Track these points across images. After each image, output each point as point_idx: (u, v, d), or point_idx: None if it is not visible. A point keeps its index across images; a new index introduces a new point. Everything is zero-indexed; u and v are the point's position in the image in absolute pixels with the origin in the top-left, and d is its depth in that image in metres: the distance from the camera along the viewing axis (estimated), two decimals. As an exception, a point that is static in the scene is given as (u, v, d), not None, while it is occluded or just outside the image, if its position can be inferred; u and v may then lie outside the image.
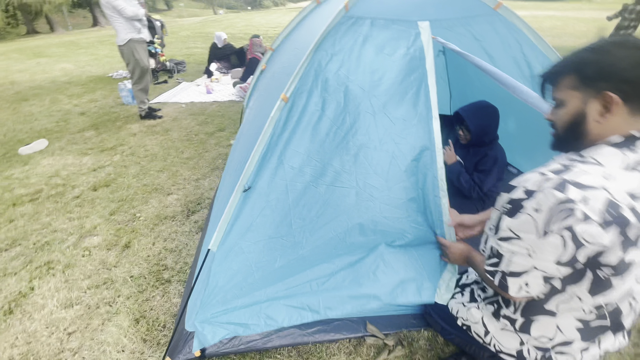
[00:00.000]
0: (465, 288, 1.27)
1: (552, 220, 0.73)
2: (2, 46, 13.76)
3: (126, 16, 3.83)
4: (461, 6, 1.61)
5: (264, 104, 1.71)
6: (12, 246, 2.23)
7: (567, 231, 0.72)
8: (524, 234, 0.80)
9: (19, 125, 4.42)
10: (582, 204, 0.70)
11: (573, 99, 0.81)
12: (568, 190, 0.71)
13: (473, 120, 1.93)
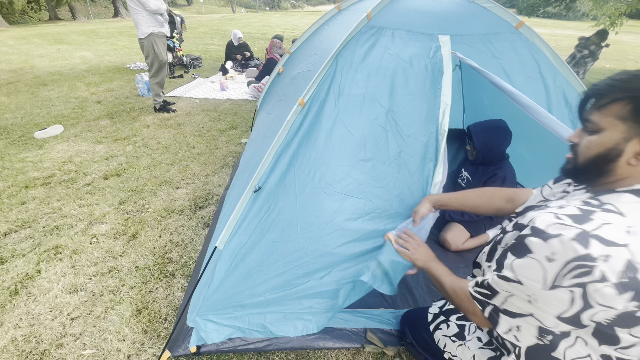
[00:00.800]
0: (450, 316, 1.19)
1: (565, 275, 0.66)
2: (24, 30, 14.05)
3: (149, 9, 3.90)
4: (482, 23, 1.61)
5: (281, 108, 1.73)
6: (22, 228, 2.27)
7: (579, 288, 0.65)
8: (527, 281, 0.73)
9: (37, 110, 4.51)
10: (602, 261, 0.63)
11: (614, 131, 0.72)
12: (591, 245, 0.64)
13: (480, 137, 1.94)
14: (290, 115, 1.43)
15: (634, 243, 0.64)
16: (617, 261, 0.63)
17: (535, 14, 8.25)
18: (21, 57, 8.04)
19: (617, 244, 0.64)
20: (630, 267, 0.63)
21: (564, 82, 1.59)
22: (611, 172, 0.75)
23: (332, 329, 1.53)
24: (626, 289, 0.62)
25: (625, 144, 0.72)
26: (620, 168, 0.73)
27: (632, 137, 0.71)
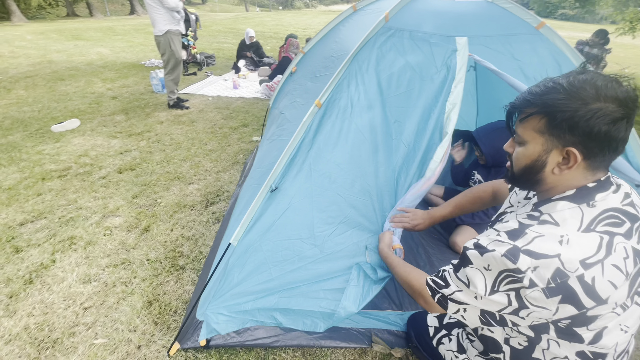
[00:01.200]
0: (452, 330, 1.21)
1: (501, 282, 0.75)
2: (42, 25, 14.39)
3: (168, 6, 3.94)
4: (502, 24, 1.59)
5: (298, 108, 1.74)
6: (38, 218, 2.32)
7: (513, 292, 0.74)
8: (473, 286, 0.81)
9: (54, 104, 4.61)
10: (530, 272, 0.70)
11: (536, 143, 0.77)
12: (519, 260, 0.71)
13: (485, 142, 1.90)
14: (307, 116, 1.44)
15: (565, 252, 0.69)
16: (545, 270, 0.69)
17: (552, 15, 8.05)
18: (39, 51, 8.24)
19: (548, 256, 0.69)
20: (559, 274, 0.68)
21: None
22: (541, 181, 0.80)
23: (338, 329, 1.53)
24: (554, 293, 0.69)
25: (546, 155, 0.77)
26: (548, 177, 0.79)
27: (552, 149, 0.75)
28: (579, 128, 0.70)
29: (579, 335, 0.74)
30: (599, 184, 0.75)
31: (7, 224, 2.25)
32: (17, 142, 3.42)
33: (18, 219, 2.29)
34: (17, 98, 4.79)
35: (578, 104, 0.69)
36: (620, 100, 0.68)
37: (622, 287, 0.70)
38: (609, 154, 0.72)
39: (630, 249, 0.71)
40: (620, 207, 0.74)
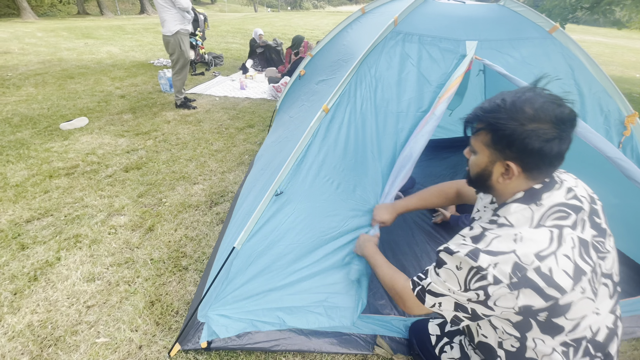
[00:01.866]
0: (454, 338, 1.21)
1: (471, 280, 0.81)
2: (52, 23, 14.60)
3: (180, 7, 3.96)
4: (513, 27, 1.56)
5: (305, 112, 1.73)
6: (45, 216, 2.34)
7: (482, 290, 0.80)
8: (448, 283, 0.87)
9: (63, 102, 4.66)
10: (492, 268, 0.77)
11: (483, 155, 0.87)
12: (479, 259, 0.79)
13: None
14: (314, 121, 1.43)
15: (520, 248, 0.77)
16: (505, 266, 0.77)
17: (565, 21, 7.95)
18: (49, 49, 8.35)
19: (504, 252, 0.78)
20: (518, 268, 0.76)
21: (599, 89, 1.51)
22: (493, 188, 0.90)
23: (340, 334, 1.51)
24: (518, 287, 0.76)
25: (492, 166, 0.86)
26: (496, 184, 0.88)
27: (496, 161, 0.85)
28: (516, 145, 0.78)
29: (560, 326, 0.80)
30: (544, 185, 0.84)
31: (14, 220, 2.27)
32: (25, 140, 3.46)
33: (25, 216, 2.31)
34: (26, 95, 4.86)
35: (516, 125, 0.77)
36: (554, 121, 0.76)
37: (584, 275, 0.77)
38: (544, 167, 0.81)
39: (577, 239, 0.79)
40: (564, 201, 0.83)
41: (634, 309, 1.64)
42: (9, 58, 7.16)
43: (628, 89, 7.35)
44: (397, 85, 1.47)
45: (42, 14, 18.83)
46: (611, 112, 1.48)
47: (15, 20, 15.85)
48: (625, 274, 1.97)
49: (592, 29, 26.72)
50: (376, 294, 1.76)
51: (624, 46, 16.51)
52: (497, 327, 0.88)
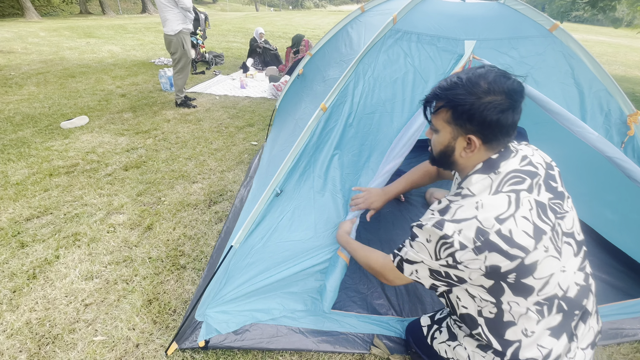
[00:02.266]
0: (442, 323, 1.23)
1: (439, 250, 0.87)
2: (55, 23, 14.64)
3: (183, 7, 3.97)
4: (513, 26, 1.55)
5: (304, 111, 1.72)
6: (44, 214, 2.35)
7: (451, 258, 0.86)
8: (420, 254, 0.93)
9: (64, 100, 4.68)
10: (456, 235, 0.83)
11: (445, 132, 0.92)
12: (444, 227, 0.85)
13: None
14: (312, 120, 1.43)
15: (481, 214, 0.83)
16: (468, 231, 0.82)
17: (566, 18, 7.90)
18: (51, 48, 8.37)
19: (467, 219, 0.83)
20: (481, 232, 0.81)
21: (600, 88, 1.50)
22: (455, 163, 0.96)
23: (337, 333, 1.51)
24: (482, 250, 0.81)
25: (454, 141, 0.91)
26: (459, 159, 0.94)
27: (458, 136, 0.90)
28: (476, 118, 0.84)
29: (530, 286, 0.85)
30: (500, 155, 0.90)
31: (14, 218, 2.28)
32: (26, 138, 3.47)
33: (24, 214, 2.32)
34: (28, 94, 4.87)
35: (474, 99, 0.83)
36: (506, 92, 0.82)
37: (544, 234, 0.83)
38: (501, 137, 0.87)
39: (533, 201, 0.85)
40: (519, 168, 0.89)
41: (636, 311, 1.63)
42: (12, 57, 7.18)
43: (631, 88, 7.30)
44: (394, 84, 1.46)
45: (45, 13, 18.89)
46: (612, 111, 1.47)
47: (19, 19, 15.90)
48: (627, 275, 1.97)
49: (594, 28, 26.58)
50: (374, 294, 1.76)
51: (627, 45, 16.42)
52: (475, 296, 0.93)
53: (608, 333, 1.61)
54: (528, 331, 0.90)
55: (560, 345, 0.92)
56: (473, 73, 0.86)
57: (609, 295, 1.80)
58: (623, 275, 1.97)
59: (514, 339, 0.92)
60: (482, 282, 0.88)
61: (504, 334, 0.93)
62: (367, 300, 1.73)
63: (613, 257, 2.10)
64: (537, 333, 0.90)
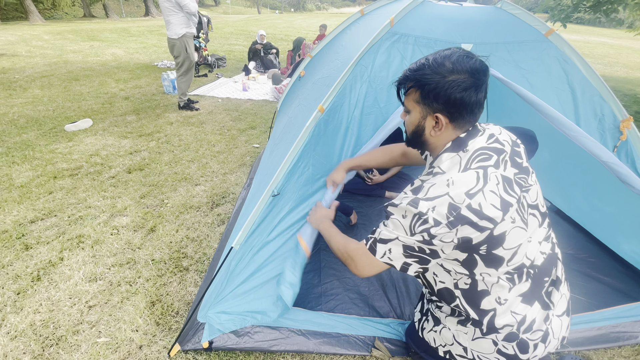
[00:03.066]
0: (427, 313, 1.25)
1: (415, 225, 0.90)
2: (59, 26, 14.76)
3: (188, 11, 4.01)
4: (509, 30, 1.56)
5: (302, 113, 1.74)
6: (48, 216, 2.37)
7: (426, 233, 0.89)
8: (396, 231, 0.96)
9: (68, 103, 4.72)
10: (430, 212, 0.87)
11: (415, 111, 0.97)
12: (419, 205, 0.89)
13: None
14: (310, 121, 1.44)
15: (452, 190, 0.87)
16: (442, 207, 0.86)
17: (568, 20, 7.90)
18: (55, 51, 8.45)
19: (439, 196, 0.88)
20: (453, 207, 0.86)
21: (594, 93, 1.51)
22: (427, 142, 1.00)
23: (338, 335, 1.52)
24: (455, 225, 0.86)
25: (424, 121, 0.96)
26: (430, 139, 0.98)
27: (426, 115, 0.94)
28: (441, 97, 0.88)
29: (500, 257, 0.90)
30: (468, 133, 0.94)
31: (18, 221, 2.31)
32: (31, 141, 3.51)
33: (29, 217, 2.35)
34: (32, 97, 4.92)
35: (439, 77, 0.87)
36: (469, 71, 0.86)
37: (510, 206, 0.87)
38: (467, 116, 0.91)
39: (500, 176, 0.89)
40: (486, 145, 0.93)
41: (635, 314, 1.63)
42: (16, 60, 7.26)
43: (632, 90, 7.29)
44: (391, 86, 1.48)
45: (49, 17, 19.06)
46: (605, 116, 1.48)
47: (23, 23, 16.06)
48: (629, 277, 1.97)
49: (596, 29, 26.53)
50: (375, 296, 1.77)
51: (629, 47, 16.38)
52: (450, 270, 0.97)
53: (610, 336, 1.61)
54: (501, 299, 0.96)
55: (534, 311, 0.98)
56: (439, 54, 0.91)
57: (611, 299, 1.80)
58: (625, 278, 1.98)
59: (489, 308, 0.98)
60: (456, 256, 0.92)
61: (480, 304, 0.98)
62: (368, 302, 1.74)
63: (615, 260, 2.10)
64: (509, 300, 0.96)
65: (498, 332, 1.00)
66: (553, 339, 1.01)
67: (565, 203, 2.52)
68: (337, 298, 1.75)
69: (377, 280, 1.87)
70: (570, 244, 2.22)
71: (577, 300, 1.80)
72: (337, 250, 1.19)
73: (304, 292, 1.77)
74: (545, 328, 1.00)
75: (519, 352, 1.00)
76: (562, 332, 1.04)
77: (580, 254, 2.16)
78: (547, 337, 1.00)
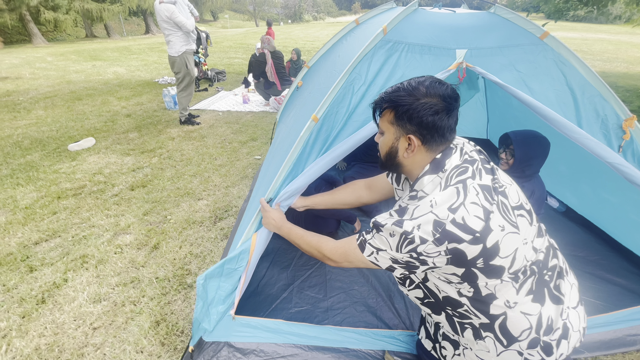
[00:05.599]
0: (439, 338, 1.21)
1: (402, 245, 0.90)
2: (62, 47, 15.06)
3: (186, 30, 4.11)
4: (503, 35, 1.55)
5: (297, 122, 1.74)
6: (52, 237, 2.38)
7: (414, 252, 0.89)
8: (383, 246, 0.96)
9: (71, 123, 4.78)
10: (416, 230, 0.87)
11: (389, 133, 0.98)
12: (404, 225, 0.89)
13: (522, 146, 1.80)
14: (304, 130, 1.44)
15: (436, 209, 0.88)
16: (427, 225, 0.86)
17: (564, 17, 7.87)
18: (58, 72, 8.60)
19: (423, 214, 0.88)
20: (438, 224, 0.86)
21: (594, 93, 1.49)
22: (401, 164, 1.01)
23: (347, 350, 1.49)
24: (442, 241, 0.85)
25: (397, 142, 0.97)
26: (403, 160, 0.99)
27: (399, 136, 0.96)
28: (414, 118, 0.91)
29: (500, 267, 0.88)
30: (443, 154, 0.95)
31: (23, 243, 2.31)
32: (35, 162, 3.54)
33: (33, 238, 2.35)
34: (36, 118, 4.99)
35: (412, 99, 0.91)
36: (441, 96, 0.90)
37: (491, 214, 0.87)
38: (439, 139, 0.93)
39: (478, 186, 0.90)
40: (460, 163, 0.95)
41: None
42: (20, 83, 7.39)
43: (634, 85, 7.24)
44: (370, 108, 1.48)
45: (52, 38, 19.47)
46: (608, 116, 1.46)
47: (27, 46, 16.41)
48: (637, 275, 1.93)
49: (593, 26, 26.54)
50: (382, 308, 1.74)
51: (627, 42, 16.34)
52: (452, 282, 0.95)
53: (626, 339, 1.57)
54: (510, 302, 0.94)
55: (548, 309, 0.96)
56: (414, 80, 0.95)
57: (626, 300, 1.76)
58: (639, 279, 1.93)
59: (498, 313, 0.96)
60: (454, 271, 0.91)
61: (489, 310, 0.96)
62: (376, 314, 1.71)
63: (628, 261, 2.05)
64: (519, 302, 0.94)
65: (519, 340, 0.97)
66: (573, 332, 0.99)
67: (574, 197, 2.49)
68: (344, 312, 1.72)
69: (384, 291, 1.84)
70: (581, 246, 2.18)
71: (590, 303, 1.76)
72: (309, 250, 1.21)
73: (310, 308, 1.74)
74: (563, 323, 0.97)
75: (545, 355, 0.97)
76: (580, 323, 1.01)
77: (592, 256, 2.11)
78: (568, 332, 0.98)
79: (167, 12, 4.00)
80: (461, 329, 1.06)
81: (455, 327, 1.08)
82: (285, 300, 1.79)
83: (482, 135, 3.74)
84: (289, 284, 1.88)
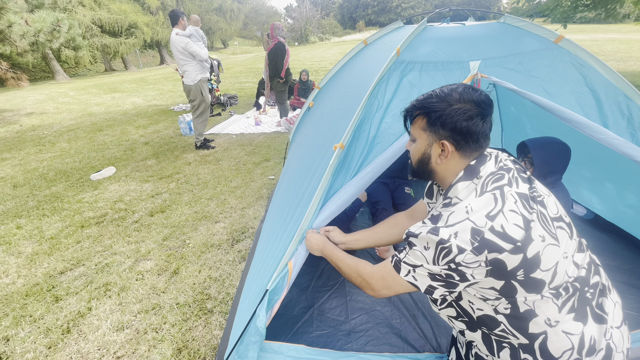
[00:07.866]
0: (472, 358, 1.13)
1: (439, 256, 0.87)
2: (83, 82, 15.86)
3: (200, 59, 4.31)
4: (516, 42, 1.54)
5: (315, 146, 1.74)
6: (77, 266, 2.43)
7: (452, 263, 0.85)
8: (419, 261, 0.92)
9: (93, 153, 4.96)
10: (453, 239, 0.84)
11: (421, 139, 0.98)
12: (440, 233, 0.86)
13: (539, 153, 1.76)
14: (332, 159, 1.40)
15: (472, 215, 0.85)
16: (464, 233, 0.83)
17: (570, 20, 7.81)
18: (80, 106, 9.02)
19: (460, 221, 0.85)
20: (476, 232, 0.82)
21: (618, 92, 1.45)
22: (433, 171, 0.99)
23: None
24: (481, 250, 0.82)
25: (430, 148, 0.96)
26: (436, 167, 0.97)
27: (432, 142, 0.95)
28: (447, 124, 0.90)
29: (540, 280, 0.84)
30: (478, 160, 0.94)
31: (49, 273, 2.36)
32: (59, 193, 3.67)
33: (58, 268, 2.41)
34: (60, 151, 5.21)
35: (445, 105, 0.91)
36: (475, 102, 0.89)
37: (532, 222, 0.83)
38: (473, 144, 0.92)
39: (515, 194, 0.87)
40: (496, 170, 0.93)
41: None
42: (44, 118, 7.78)
43: (653, 84, 7.03)
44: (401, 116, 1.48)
45: (73, 74, 20.57)
46: (633, 115, 1.41)
47: (50, 82, 17.36)
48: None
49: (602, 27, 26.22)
50: (407, 329, 1.68)
51: (639, 40, 16.01)
52: (489, 298, 0.91)
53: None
54: (551, 321, 0.89)
55: (590, 328, 0.90)
56: (446, 87, 0.95)
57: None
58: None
59: (538, 332, 0.90)
60: (492, 284, 0.87)
61: (528, 327, 0.91)
62: (401, 336, 1.65)
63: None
64: (561, 321, 0.89)
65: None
66: (617, 354, 0.92)
67: (601, 203, 2.38)
68: (367, 334, 1.66)
69: (408, 310, 1.78)
70: (612, 255, 2.07)
71: (628, 315, 1.65)
72: (348, 273, 1.17)
73: (331, 331, 1.69)
74: (606, 344, 0.91)
75: None
76: (624, 344, 0.94)
77: (625, 265, 2.00)
78: (611, 353, 0.91)
79: (182, 43, 4.21)
80: (498, 348, 1.00)
81: (491, 347, 1.02)
82: (306, 323, 1.74)
83: (497, 145, 3.68)
84: (309, 306, 1.85)
